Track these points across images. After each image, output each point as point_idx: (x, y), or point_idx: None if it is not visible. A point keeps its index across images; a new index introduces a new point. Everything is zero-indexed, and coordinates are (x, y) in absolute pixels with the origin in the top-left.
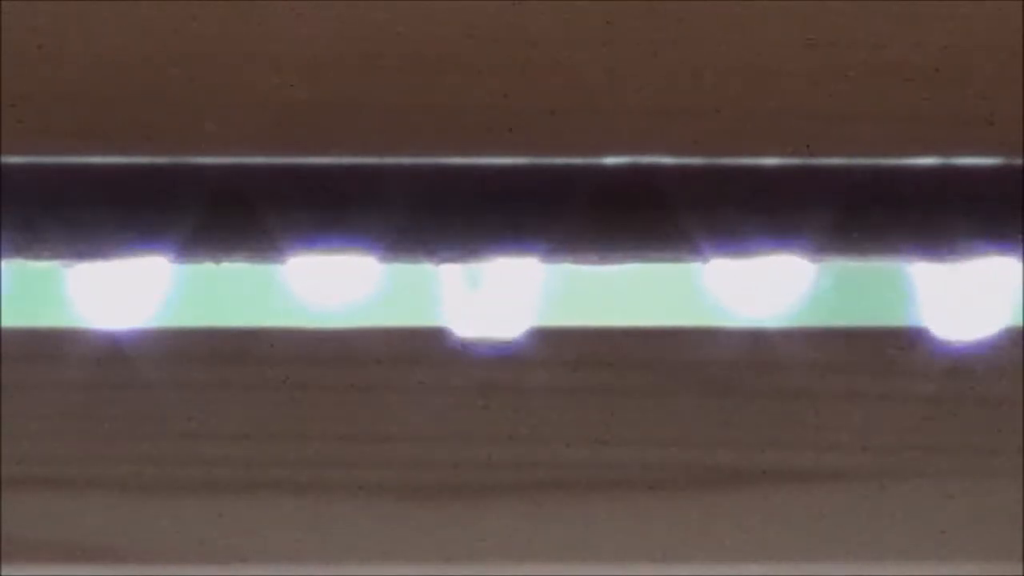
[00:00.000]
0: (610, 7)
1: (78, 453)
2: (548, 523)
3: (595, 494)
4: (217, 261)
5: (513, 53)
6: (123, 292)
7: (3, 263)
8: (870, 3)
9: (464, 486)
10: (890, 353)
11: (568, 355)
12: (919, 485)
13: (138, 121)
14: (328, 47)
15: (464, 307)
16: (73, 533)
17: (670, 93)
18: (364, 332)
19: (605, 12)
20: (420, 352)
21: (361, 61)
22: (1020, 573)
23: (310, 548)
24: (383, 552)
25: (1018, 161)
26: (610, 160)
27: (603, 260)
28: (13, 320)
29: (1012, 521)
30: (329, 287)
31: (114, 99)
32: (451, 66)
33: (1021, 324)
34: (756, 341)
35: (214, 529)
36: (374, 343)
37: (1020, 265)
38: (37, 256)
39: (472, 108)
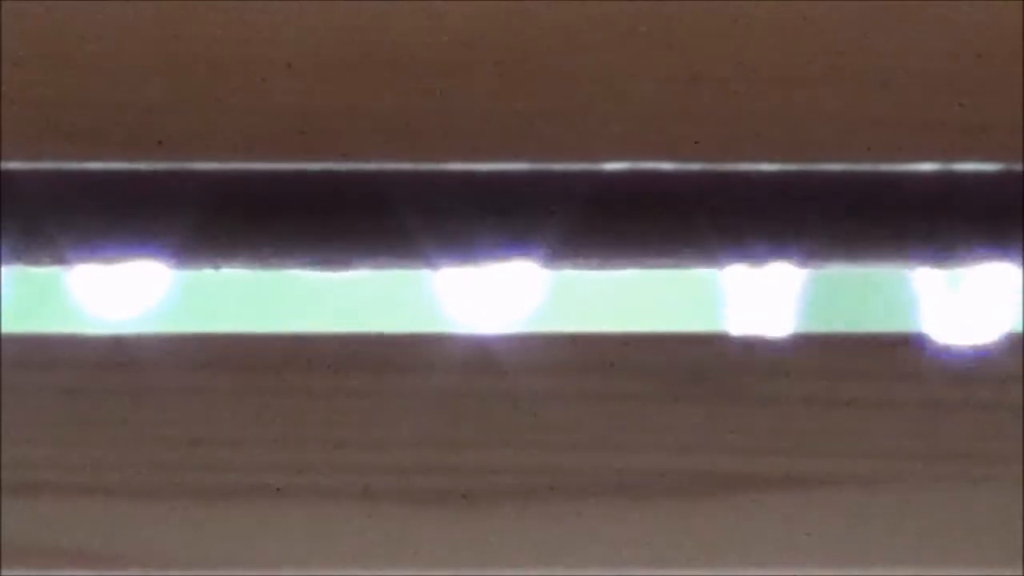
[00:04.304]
0: (609, 10)
1: (78, 458)
2: (548, 528)
3: (594, 500)
4: (217, 267)
5: (512, 57)
6: (124, 297)
7: (3, 268)
8: (870, 9)
9: (463, 492)
10: (891, 359)
11: (568, 360)
12: (920, 491)
13: (138, 125)
14: (328, 51)
15: (465, 312)
16: (73, 538)
17: (669, 98)
18: (364, 337)
19: (604, 16)
20: (419, 357)
21: (360, 65)
22: None
23: (310, 553)
24: (383, 557)
25: (1018, 167)
26: (609, 165)
27: (603, 265)
28: (14, 325)
29: (1012, 528)
30: (329, 291)
31: (114, 103)
32: (450, 71)
33: (1021, 330)
34: (756, 346)
35: (214, 534)
36: (374, 348)
37: (1020, 271)
38: (38, 261)
39: (471, 113)
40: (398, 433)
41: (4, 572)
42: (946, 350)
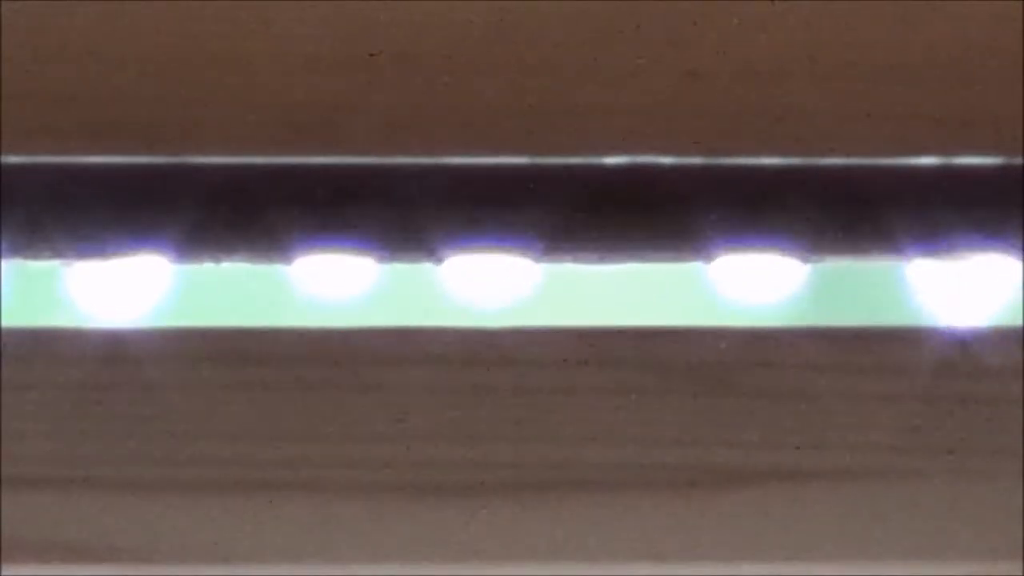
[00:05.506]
0: (610, 8)
1: (78, 453)
2: (548, 523)
3: (595, 493)
4: (217, 261)
5: (513, 53)
6: (123, 292)
7: (4, 262)
8: (870, 4)
9: (464, 486)
10: (889, 352)
11: (567, 355)
12: (919, 485)
13: (138, 121)
14: (328, 47)
15: (464, 307)
16: (73, 533)
17: (670, 93)
18: (365, 332)
19: (605, 13)
20: (420, 351)
21: (361, 61)
22: (1020, 573)
23: (310, 548)
24: (384, 552)
25: (1018, 161)
26: (610, 160)
27: (603, 259)
28: (13, 320)
29: (1012, 521)
30: (330, 287)
31: (114, 99)
32: (451, 67)
33: (1020, 323)
34: (755, 341)
35: (213, 529)
36: (375, 342)
37: (1019, 264)
38: (37, 256)
39: (472, 108)
40: (400, 428)
41: (4, 566)
42: (945, 344)
